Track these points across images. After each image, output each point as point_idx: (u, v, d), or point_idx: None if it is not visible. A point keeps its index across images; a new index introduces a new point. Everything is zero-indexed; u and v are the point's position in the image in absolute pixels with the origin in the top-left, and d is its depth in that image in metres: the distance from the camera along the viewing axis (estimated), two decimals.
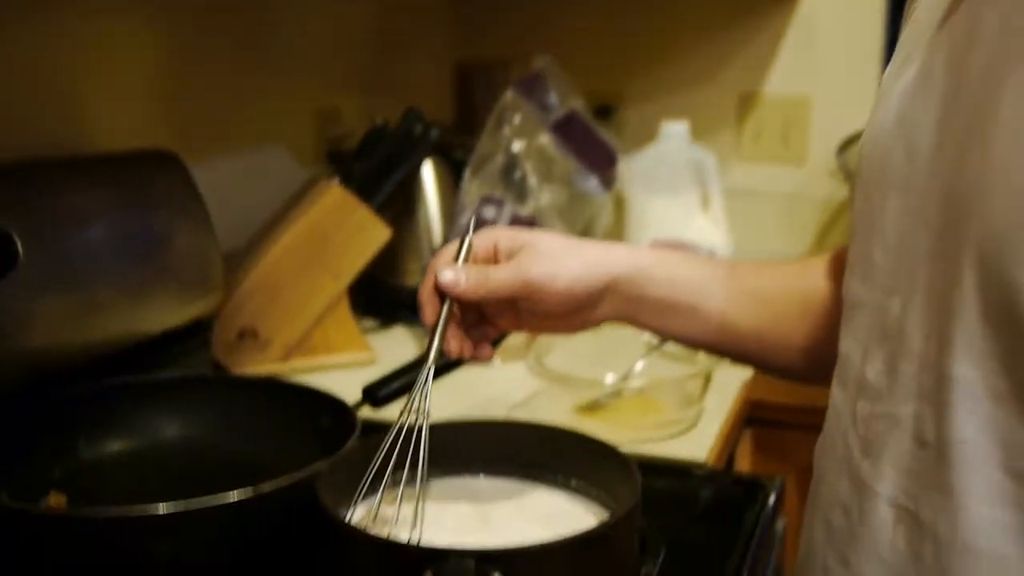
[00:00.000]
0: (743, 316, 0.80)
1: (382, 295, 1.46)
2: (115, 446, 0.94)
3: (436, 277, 0.73)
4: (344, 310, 1.29)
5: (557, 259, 0.75)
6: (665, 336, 0.83)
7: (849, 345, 0.66)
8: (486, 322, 0.78)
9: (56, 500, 0.87)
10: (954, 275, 0.55)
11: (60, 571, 0.75)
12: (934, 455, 0.57)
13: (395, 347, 1.35)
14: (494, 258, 0.77)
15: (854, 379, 0.64)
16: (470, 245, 0.75)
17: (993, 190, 0.53)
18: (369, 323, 1.44)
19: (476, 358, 0.77)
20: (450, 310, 0.73)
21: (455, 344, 0.74)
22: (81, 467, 0.92)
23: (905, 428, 0.59)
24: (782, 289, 0.81)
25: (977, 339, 0.54)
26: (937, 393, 0.57)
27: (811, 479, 0.71)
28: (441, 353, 0.73)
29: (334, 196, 1.25)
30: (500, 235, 0.78)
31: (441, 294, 0.73)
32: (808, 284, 0.80)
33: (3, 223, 0.90)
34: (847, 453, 0.64)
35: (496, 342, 0.93)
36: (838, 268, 0.77)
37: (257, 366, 1.22)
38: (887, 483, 0.60)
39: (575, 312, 0.77)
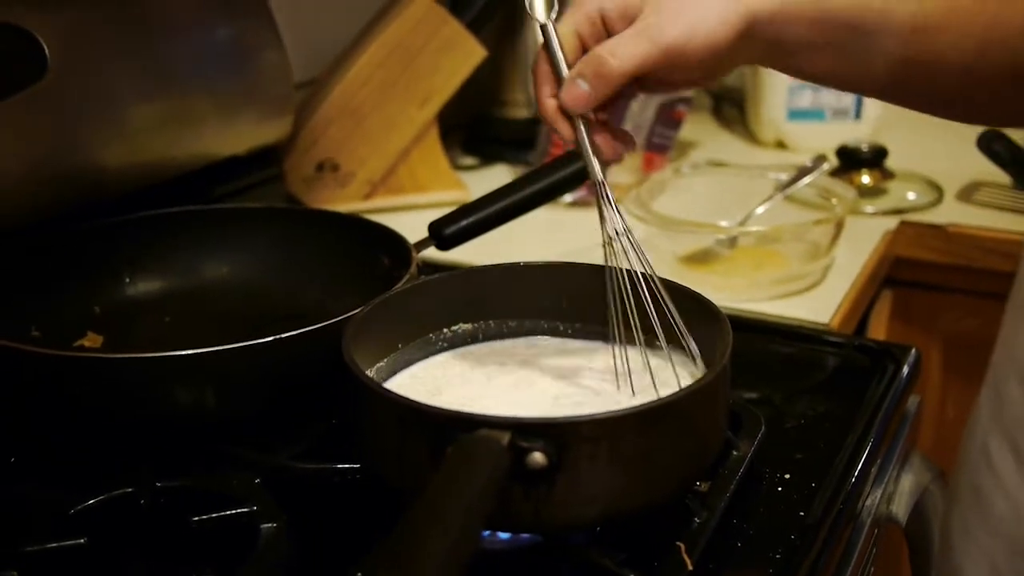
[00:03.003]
0: (905, 51, 0.60)
1: (482, 129, 1.33)
2: (162, 284, 0.87)
3: (553, 94, 0.60)
4: (433, 143, 1.17)
5: (691, 10, 0.59)
6: (817, 80, 0.65)
7: None
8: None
9: (92, 341, 0.80)
10: None
11: (84, 412, 0.70)
12: None
13: (495, 187, 1.22)
14: (604, 31, 0.61)
15: None
16: (555, 33, 0.60)
17: None
18: (468, 160, 1.31)
19: (628, 152, 0.63)
20: (588, 122, 0.60)
21: (608, 149, 0.61)
22: (124, 306, 0.85)
23: None
24: (952, 19, 0.61)
25: None
26: None
27: (969, 351, 0.55)
28: (603, 164, 0.60)
29: (420, 7, 1.11)
30: (602, 1, 0.61)
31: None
32: (996, 10, 0.60)
33: (31, 25, 0.80)
34: None
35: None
36: None
37: (336, 203, 1.12)
38: None
39: (713, 72, 0.62)
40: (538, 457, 0.50)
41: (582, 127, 0.59)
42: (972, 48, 0.59)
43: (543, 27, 0.60)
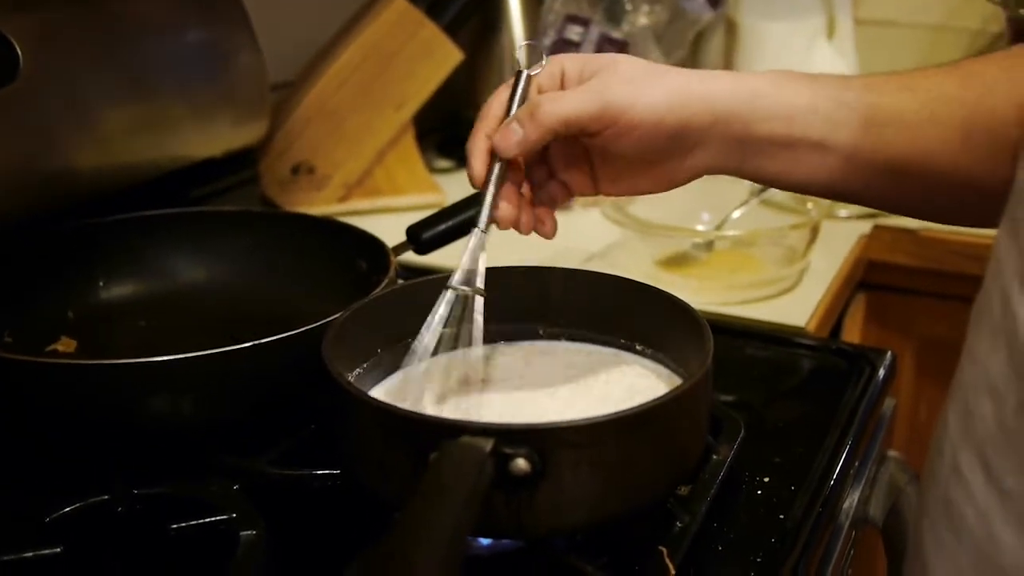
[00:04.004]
0: (880, 149, 0.62)
1: (457, 132, 1.32)
2: (137, 288, 0.86)
3: (489, 134, 0.60)
4: (410, 146, 1.17)
5: (643, 81, 0.60)
6: (781, 185, 0.67)
7: None
8: (553, 178, 0.64)
9: (65, 345, 0.80)
10: None
11: (58, 418, 0.69)
12: None
13: (470, 191, 1.22)
14: (561, 88, 0.62)
15: None
16: (527, 84, 0.61)
17: None
18: (443, 163, 1.31)
19: (537, 231, 0.63)
20: (505, 167, 0.60)
21: (509, 212, 0.60)
22: (98, 310, 0.84)
23: None
24: (932, 108, 0.63)
25: None
26: None
27: (942, 353, 0.56)
28: (492, 221, 0.60)
29: (396, 10, 1.11)
30: (568, 60, 0.62)
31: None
32: (976, 97, 0.61)
33: (2, 27, 0.79)
34: (1008, 321, 0.49)
35: None
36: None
37: (311, 206, 1.11)
38: None
39: (664, 157, 0.62)
40: (521, 464, 0.49)
41: (497, 172, 0.59)
42: (953, 140, 0.61)
43: (519, 74, 0.61)
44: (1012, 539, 0.48)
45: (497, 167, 0.60)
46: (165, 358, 0.63)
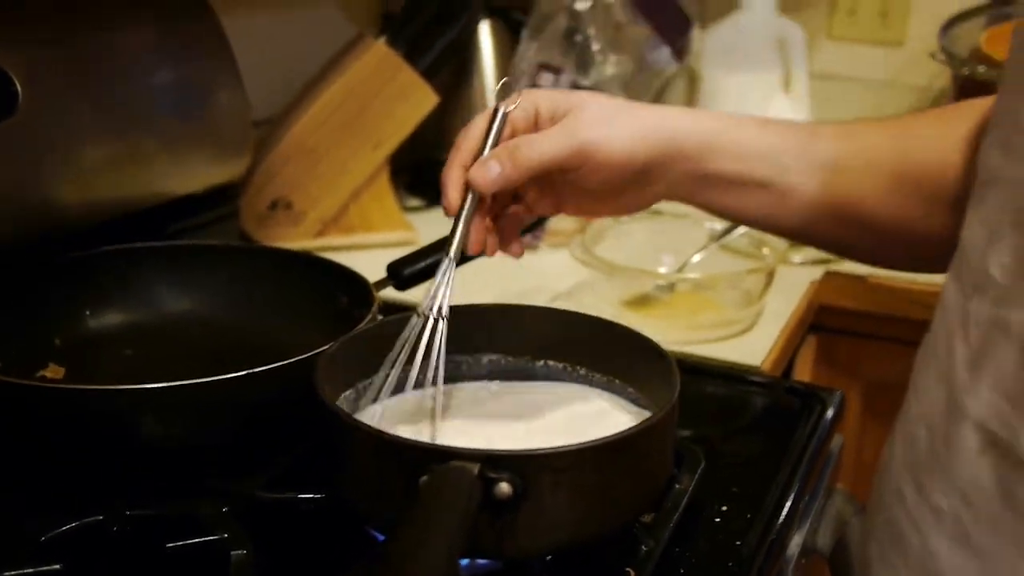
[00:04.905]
0: (821, 191, 0.68)
1: (430, 172, 1.36)
2: (122, 318, 0.89)
3: (464, 165, 0.64)
4: (384, 184, 1.21)
5: (612, 121, 0.65)
6: (731, 218, 0.73)
7: (974, 230, 0.55)
8: (518, 202, 0.69)
9: (54, 372, 0.82)
10: None
11: (49, 444, 0.72)
12: None
13: (441, 229, 1.25)
14: (535, 126, 0.67)
15: (973, 271, 0.54)
16: (503, 120, 0.65)
17: None
18: (414, 202, 1.35)
19: (506, 253, 0.68)
20: (476, 200, 0.64)
21: (478, 237, 0.65)
22: (85, 339, 0.87)
23: (1015, 338, 0.50)
24: (867, 156, 0.69)
25: None
26: None
27: (887, 394, 0.63)
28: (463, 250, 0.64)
29: (376, 54, 1.15)
30: (540, 98, 0.67)
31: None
32: (907, 149, 0.68)
33: (3, 62, 0.82)
34: (949, 361, 0.55)
35: (532, 228, 0.83)
36: (958, 130, 0.65)
37: (288, 240, 1.15)
38: (981, 403, 0.52)
39: (627, 188, 0.67)
40: (505, 487, 0.53)
41: (468, 205, 0.63)
42: (883, 187, 0.67)
43: (496, 109, 0.65)
44: (946, 551, 0.53)
45: (470, 199, 0.63)
46: (162, 385, 0.66)
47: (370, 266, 0.88)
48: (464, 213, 0.64)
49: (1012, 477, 0.50)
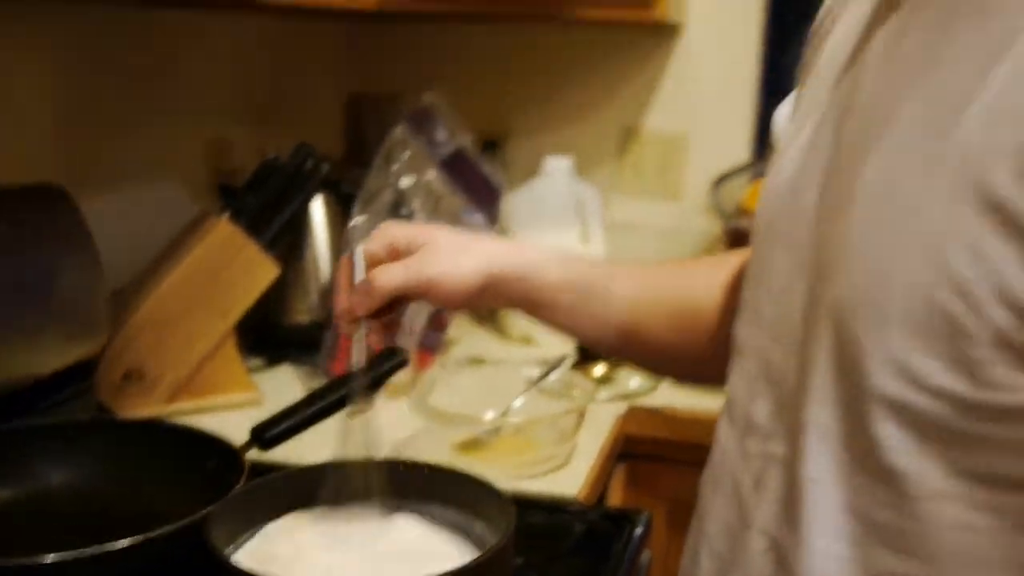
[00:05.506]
0: (618, 319, 0.86)
1: (268, 333, 1.47)
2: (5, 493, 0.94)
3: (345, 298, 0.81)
4: (231, 349, 1.31)
5: (456, 256, 0.81)
6: (561, 330, 0.88)
7: (737, 385, 0.70)
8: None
9: None
10: (815, 329, 0.60)
11: None
12: (794, 492, 0.62)
13: (281, 387, 1.37)
14: (395, 254, 0.82)
15: (742, 418, 0.68)
16: (362, 256, 0.82)
17: (847, 259, 0.57)
18: (255, 362, 1.44)
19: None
20: (363, 332, 0.81)
21: (379, 338, 0.83)
22: None
23: (782, 466, 0.63)
24: (653, 294, 0.87)
25: (828, 387, 0.58)
26: (797, 435, 0.61)
27: (687, 510, 0.76)
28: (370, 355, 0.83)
29: (222, 232, 1.27)
30: (396, 233, 0.83)
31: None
32: (685, 288, 0.87)
33: None
34: (736, 488, 0.68)
35: (384, 377, 0.97)
36: (724, 277, 0.84)
37: (142, 408, 1.23)
38: (763, 514, 0.64)
39: (472, 304, 0.84)
40: None
41: (362, 328, 0.80)
42: (665, 321, 0.86)
43: (355, 250, 0.82)
44: None
45: (356, 340, 0.80)
46: (53, 560, 0.72)
47: (222, 427, 0.96)
48: (358, 335, 0.80)
49: (779, 571, 0.63)
